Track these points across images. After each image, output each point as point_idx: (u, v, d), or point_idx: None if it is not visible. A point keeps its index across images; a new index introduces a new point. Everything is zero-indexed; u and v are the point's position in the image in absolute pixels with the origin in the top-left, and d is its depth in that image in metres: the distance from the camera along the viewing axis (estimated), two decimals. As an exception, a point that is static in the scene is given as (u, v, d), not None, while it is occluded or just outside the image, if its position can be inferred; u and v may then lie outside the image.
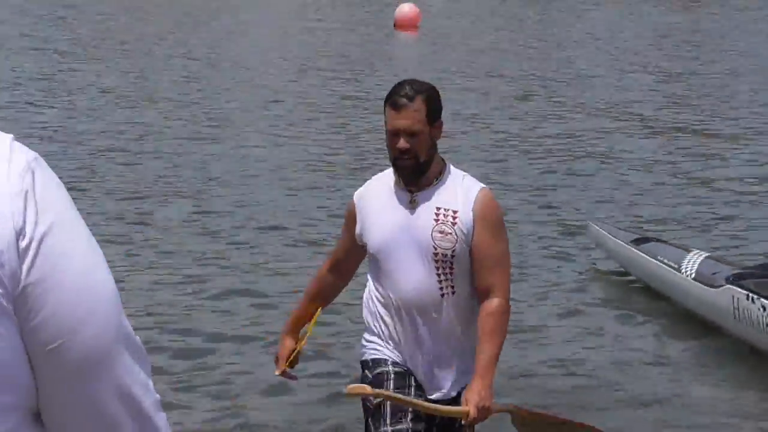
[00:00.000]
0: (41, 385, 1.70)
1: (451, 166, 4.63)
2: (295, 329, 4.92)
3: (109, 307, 1.73)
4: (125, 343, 1.75)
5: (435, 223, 4.45)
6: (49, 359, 1.68)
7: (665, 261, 9.80)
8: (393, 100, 4.51)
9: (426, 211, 4.48)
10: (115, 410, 1.75)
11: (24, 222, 1.66)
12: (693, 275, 9.41)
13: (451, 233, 4.44)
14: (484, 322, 4.47)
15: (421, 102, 4.48)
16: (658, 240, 10.44)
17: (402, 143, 4.44)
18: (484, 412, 4.43)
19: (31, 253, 1.66)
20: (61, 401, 1.71)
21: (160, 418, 1.85)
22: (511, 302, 4.90)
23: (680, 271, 9.51)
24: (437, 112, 4.56)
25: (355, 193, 4.75)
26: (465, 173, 4.66)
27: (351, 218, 4.69)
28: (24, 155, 1.72)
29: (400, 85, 4.57)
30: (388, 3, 30.12)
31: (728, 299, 8.74)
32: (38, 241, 1.67)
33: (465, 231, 4.43)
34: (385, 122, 4.58)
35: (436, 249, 4.44)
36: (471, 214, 4.45)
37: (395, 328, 4.57)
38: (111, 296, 1.73)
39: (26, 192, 1.68)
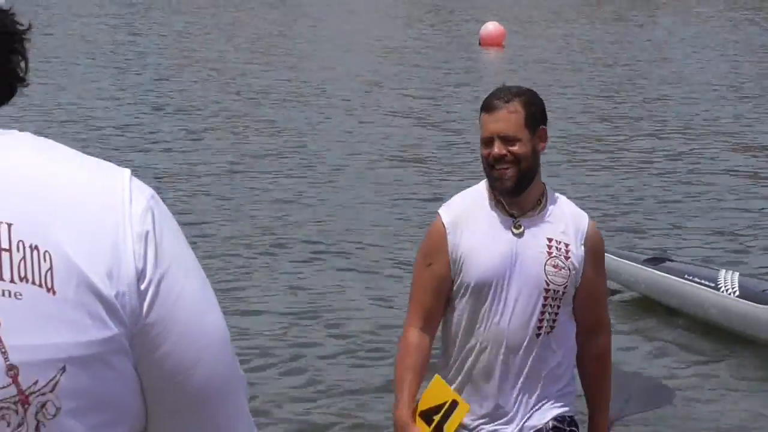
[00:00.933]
0: (153, 416, 1.80)
1: (550, 188, 4.19)
2: (413, 410, 4.19)
3: (221, 347, 1.81)
4: (235, 382, 1.86)
5: (548, 256, 4.01)
6: (163, 394, 1.78)
7: (696, 280, 9.57)
8: (487, 103, 4.07)
9: (536, 241, 4.02)
10: None
11: (144, 264, 1.71)
12: (737, 293, 9.23)
13: (564, 268, 4.02)
14: (594, 365, 4.20)
15: (519, 105, 4.01)
16: (670, 260, 10.18)
17: (498, 149, 3.97)
18: None
19: (150, 294, 1.72)
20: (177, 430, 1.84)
21: None
22: None
23: (718, 290, 9.32)
24: (540, 118, 4.07)
25: (442, 214, 4.15)
26: (563, 197, 4.24)
27: (441, 247, 4.09)
28: (143, 194, 1.78)
29: (496, 90, 4.13)
30: (474, 21, 31.05)
31: None
32: (157, 283, 1.73)
33: (577, 265, 4.04)
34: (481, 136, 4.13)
35: (548, 285, 4.00)
36: (582, 248, 4.06)
37: (482, 371, 4.08)
38: (223, 336, 1.81)
39: (147, 233, 1.73)
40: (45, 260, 1.67)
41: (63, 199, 1.71)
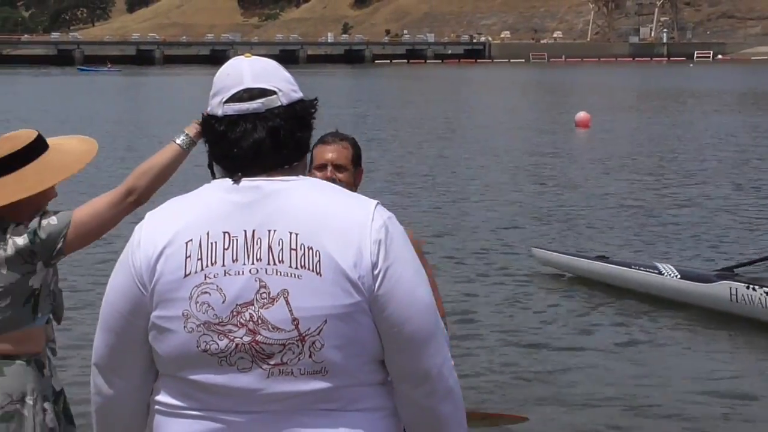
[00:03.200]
0: (388, 352, 2.57)
1: None
2: None
3: (425, 310, 2.56)
4: (435, 333, 2.59)
5: None
6: (392, 338, 2.54)
7: (642, 269, 11.22)
8: (324, 139, 4.32)
9: None
10: (430, 373, 2.58)
11: (377, 259, 2.48)
12: (679, 276, 10.91)
13: None
14: None
15: (349, 144, 4.32)
16: (607, 257, 11.94)
17: (330, 173, 4.23)
18: None
19: (380, 277, 2.49)
20: (399, 362, 2.58)
21: (459, 394, 2.68)
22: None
23: (662, 274, 11.00)
24: (359, 160, 4.35)
25: None
26: None
27: None
28: (381, 216, 2.54)
29: (330, 132, 4.40)
30: (570, 111, 39.37)
31: (725, 290, 10.19)
32: (384, 270, 2.49)
33: None
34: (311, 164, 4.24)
35: None
36: None
37: None
38: (426, 304, 2.55)
39: (380, 241, 2.50)
40: (316, 256, 2.46)
41: (328, 219, 2.50)
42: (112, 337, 2.65)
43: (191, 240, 2.52)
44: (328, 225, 2.48)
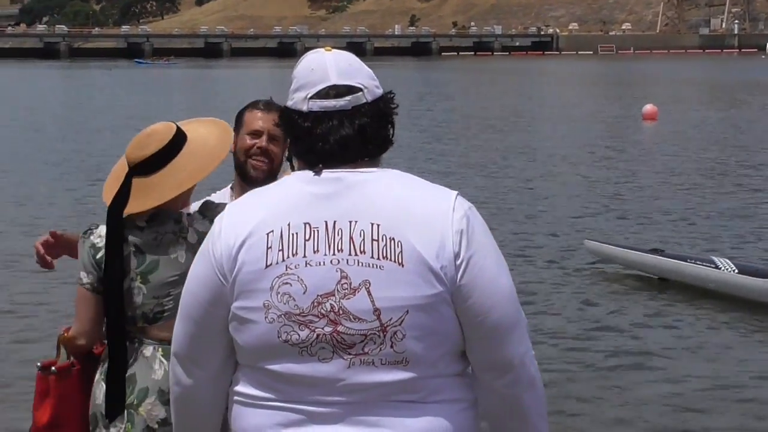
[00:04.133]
0: (470, 342, 2.57)
1: None
2: None
3: (508, 300, 2.57)
4: (518, 322, 2.59)
5: None
6: (475, 328, 2.54)
7: (699, 263, 11.15)
8: (258, 103, 4.18)
9: None
10: (513, 362, 2.58)
11: (459, 249, 2.49)
12: (736, 270, 10.82)
13: None
14: None
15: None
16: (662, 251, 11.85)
17: (264, 142, 4.08)
18: None
19: (462, 267, 2.49)
20: (482, 351, 2.58)
21: (541, 383, 2.67)
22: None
23: (719, 268, 10.89)
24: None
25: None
26: None
27: None
28: (462, 207, 2.54)
29: (264, 99, 4.22)
30: (638, 103, 39.22)
31: None
32: (467, 261, 2.49)
33: None
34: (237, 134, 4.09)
35: None
36: None
37: None
38: (509, 293, 2.56)
39: (462, 230, 2.50)
40: (398, 247, 2.47)
41: (410, 210, 2.51)
42: (192, 327, 2.67)
43: (272, 231, 2.52)
44: (410, 216, 2.49)
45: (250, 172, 4.10)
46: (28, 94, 54.58)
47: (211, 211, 3.74)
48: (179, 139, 3.75)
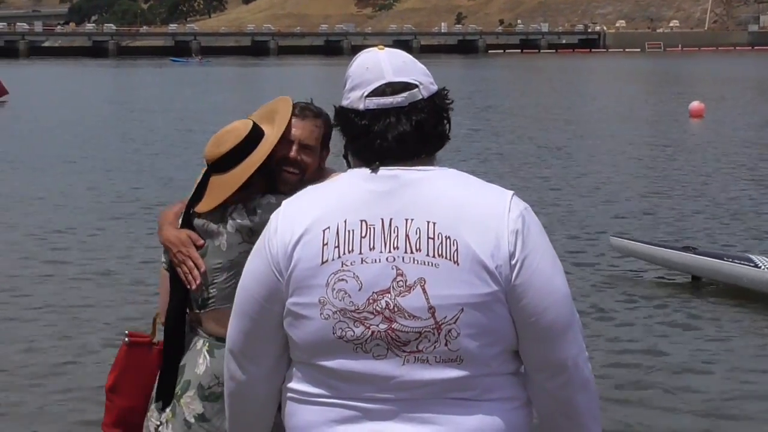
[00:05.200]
0: (524, 342, 2.57)
1: None
2: None
3: (563, 301, 2.56)
4: (574, 324, 2.59)
5: None
6: (529, 328, 2.55)
7: (736, 261, 10.73)
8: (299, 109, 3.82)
9: None
10: (567, 363, 2.58)
11: (515, 249, 2.49)
12: None
13: None
14: None
15: (321, 123, 3.81)
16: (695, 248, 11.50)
17: (294, 153, 3.78)
18: None
19: (517, 267, 2.49)
20: (535, 352, 2.58)
21: (594, 385, 2.66)
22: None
23: (758, 267, 10.55)
24: (329, 139, 3.82)
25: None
26: None
27: None
28: (518, 207, 2.55)
29: (305, 103, 3.88)
30: (685, 101, 38.95)
31: None
32: (522, 261, 2.50)
33: None
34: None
35: None
36: None
37: None
38: (564, 294, 2.55)
39: (517, 231, 2.50)
40: (453, 245, 2.48)
41: (466, 209, 2.51)
42: (247, 323, 2.68)
43: (328, 227, 2.53)
44: (466, 215, 2.50)
45: (280, 183, 3.80)
46: (90, 92, 54.93)
47: (253, 202, 3.76)
48: (255, 135, 3.76)
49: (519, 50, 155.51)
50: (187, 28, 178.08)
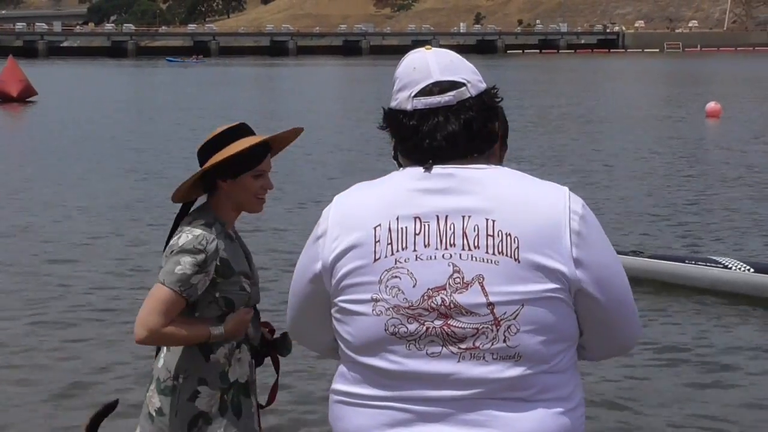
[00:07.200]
0: (588, 335, 2.61)
1: None
2: None
3: (627, 291, 2.60)
4: (635, 313, 2.65)
5: None
6: (594, 322, 2.58)
7: (711, 264, 10.36)
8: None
9: None
10: (628, 345, 2.71)
11: (576, 245, 2.48)
12: (752, 270, 10.21)
13: None
14: None
15: None
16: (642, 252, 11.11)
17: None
18: None
19: (580, 263, 2.49)
20: (600, 343, 2.65)
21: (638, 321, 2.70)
22: None
23: (728, 268, 10.24)
24: None
25: None
26: None
27: None
28: (576, 204, 2.53)
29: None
30: (702, 101, 39.07)
31: None
32: (583, 257, 2.49)
33: None
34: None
35: None
36: None
37: None
38: (627, 285, 2.58)
39: (578, 226, 2.49)
40: (514, 242, 2.46)
41: (524, 206, 2.49)
42: (299, 315, 2.72)
43: (379, 225, 2.51)
44: (525, 212, 2.47)
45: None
46: (112, 92, 54.84)
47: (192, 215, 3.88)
48: (240, 130, 3.84)
49: (538, 50, 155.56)
50: (206, 28, 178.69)
